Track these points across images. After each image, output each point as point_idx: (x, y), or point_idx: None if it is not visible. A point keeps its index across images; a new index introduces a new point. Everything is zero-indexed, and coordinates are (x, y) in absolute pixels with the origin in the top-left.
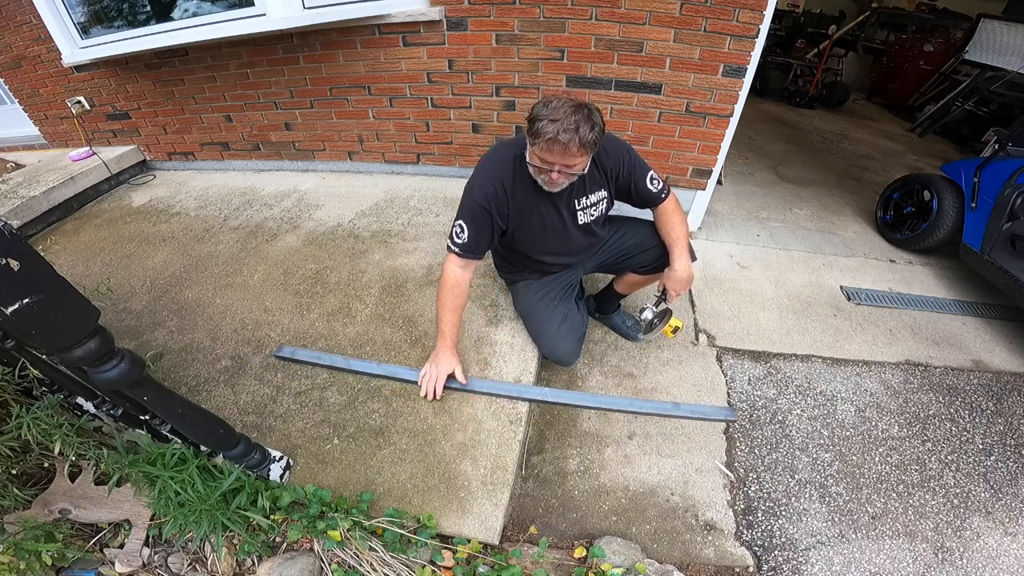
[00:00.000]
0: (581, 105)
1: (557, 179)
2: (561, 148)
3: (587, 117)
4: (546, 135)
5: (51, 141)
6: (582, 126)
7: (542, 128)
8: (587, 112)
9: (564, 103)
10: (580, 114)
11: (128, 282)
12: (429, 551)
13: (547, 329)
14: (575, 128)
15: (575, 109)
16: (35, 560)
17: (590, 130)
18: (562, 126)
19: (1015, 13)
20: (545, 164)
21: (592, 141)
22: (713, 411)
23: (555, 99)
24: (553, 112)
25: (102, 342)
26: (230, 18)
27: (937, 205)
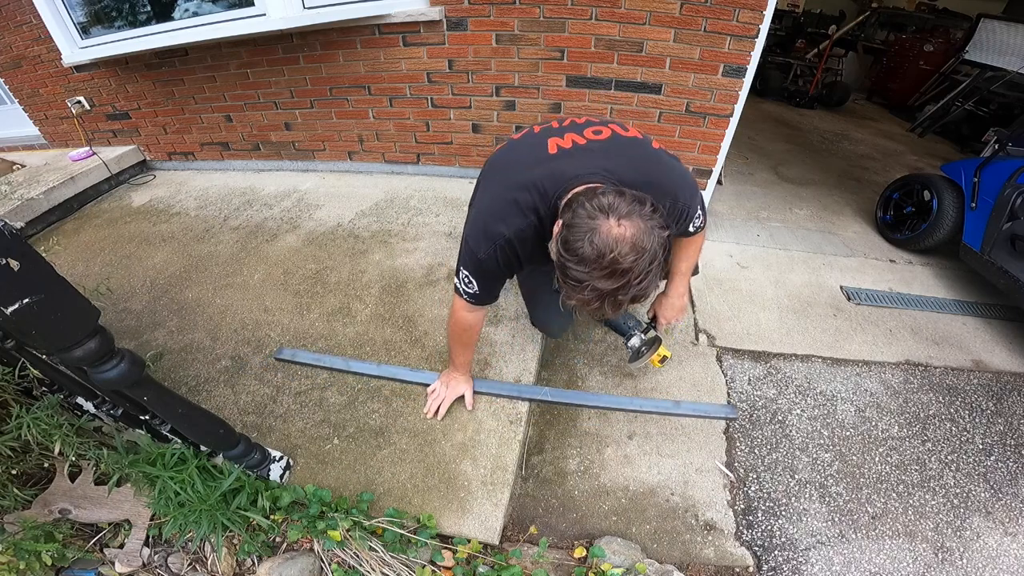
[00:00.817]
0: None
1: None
2: (597, 304)
3: (648, 261)
4: (580, 296)
5: (51, 141)
6: (642, 284)
7: (577, 285)
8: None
9: (617, 250)
10: (637, 268)
11: (128, 282)
12: (429, 551)
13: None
14: (629, 296)
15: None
16: (35, 560)
17: (652, 282)
18: (608, 297)
19: (1015, 13)
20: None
21: (648, 288)
22: (714, 409)
23: (606, 225)
24: (599, 273)
25: (102, 342)
26: (230, 18)
27: (937, 205)
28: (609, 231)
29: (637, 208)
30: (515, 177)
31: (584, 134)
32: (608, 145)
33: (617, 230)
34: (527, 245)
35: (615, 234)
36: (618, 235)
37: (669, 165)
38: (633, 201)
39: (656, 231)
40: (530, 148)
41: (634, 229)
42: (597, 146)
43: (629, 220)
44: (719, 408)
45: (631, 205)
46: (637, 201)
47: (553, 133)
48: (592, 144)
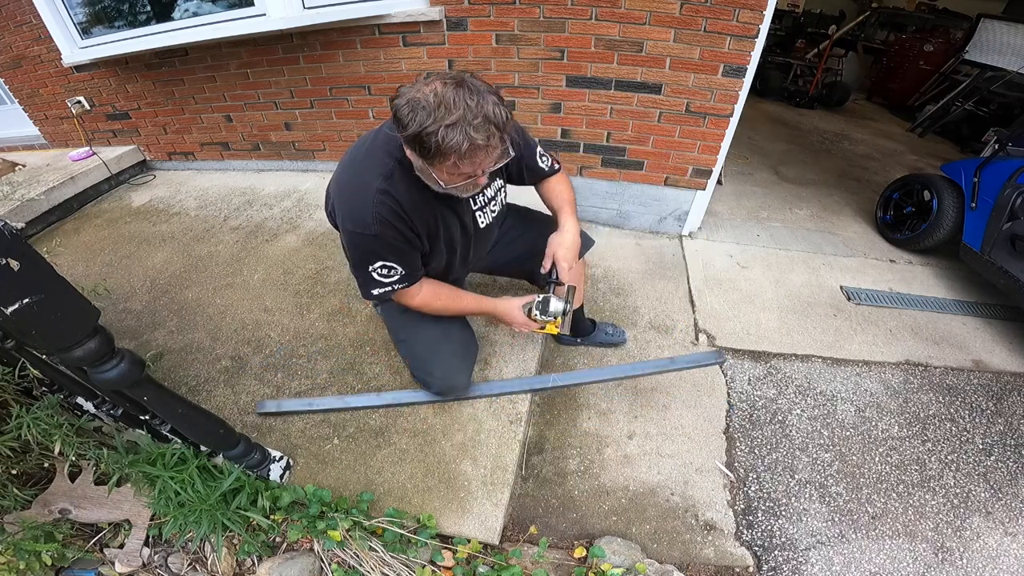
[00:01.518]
0: (459, 80)
1: (483, 181)
2: (483, 152)
3: (479, 91)
4: (458, 148)
5: (51, 141)
6: (487, 107)
7: (445, 141)
8: (473, 85)
9: (444, 92)
10: (473, 95)
11: (128, 282)
12: (429, 551)
13: (442, 351)
14: (484, 117)
15: (460, 90)
16: (35, 560)
17: (496, 105)
18: (469, 125)
19: (1015, 13)
20: (466, 177)
21: (506, 116)
22: (703, 357)
23: (425, 88)
24: (444, 113)
25: (102, 342)
26: (230, 18)
27: (937, 205)
28: (421, 90)
29: (438, 77)
30: (356, 155)
31: None
32: None
33: (425, 87)
34: (401, 188)
35: (425, 89)
36: (427, 89)
37: None
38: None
39: (464, 76)
40: (359, 142)
41: (437, 81)
42: None
43: (429, 83)
44: (708, 355)
45: (431, 77)
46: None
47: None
48: None
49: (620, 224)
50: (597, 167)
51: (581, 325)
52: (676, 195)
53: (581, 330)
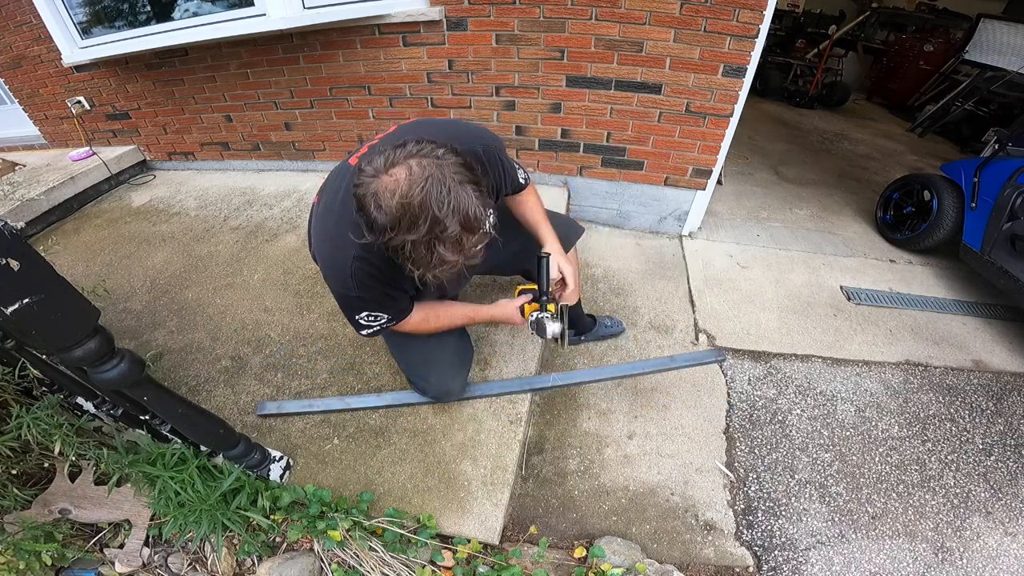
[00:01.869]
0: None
1: (479, 252)
2: (457, 257)
3: (453, 182)
4: (426, 264)
5: (51, 141)
6: (462, 205)
7: (413, 256)
8: (447, 173)
9: (410, 193)
10: (445, 189)
11: (128, 282)
12: (429, 551)
13: (436, 358)
14: (461, 224)
15: (430, 186)
16: (35, 560)
17: (472, 197)
18: (439, 241)
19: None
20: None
21: (483, 211)
22: (703, 355)
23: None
24: (409, 225)
25: (102, 342)
26: (230, 18)
27: (937, 205)
28: (384, 186)
29: (398, 151)
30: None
31: (376, 137)
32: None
33: (389, 180)
34: (378, 254)
35: (389, 184)
36: (393, 182)
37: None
38: (393, 148)
39: (427, 156)
40: (336, 176)
41: (405, 171)
42: (389, 137)
43: (396, 165)
44: (708, 354)
45: (391, 153)
46: (399, 146)
47: (353, 152)
48: (385, 138)
49: (620, 224)
50: (597, 167)
51: (582, 322)
52: (676, 195)
53: (582, 327)
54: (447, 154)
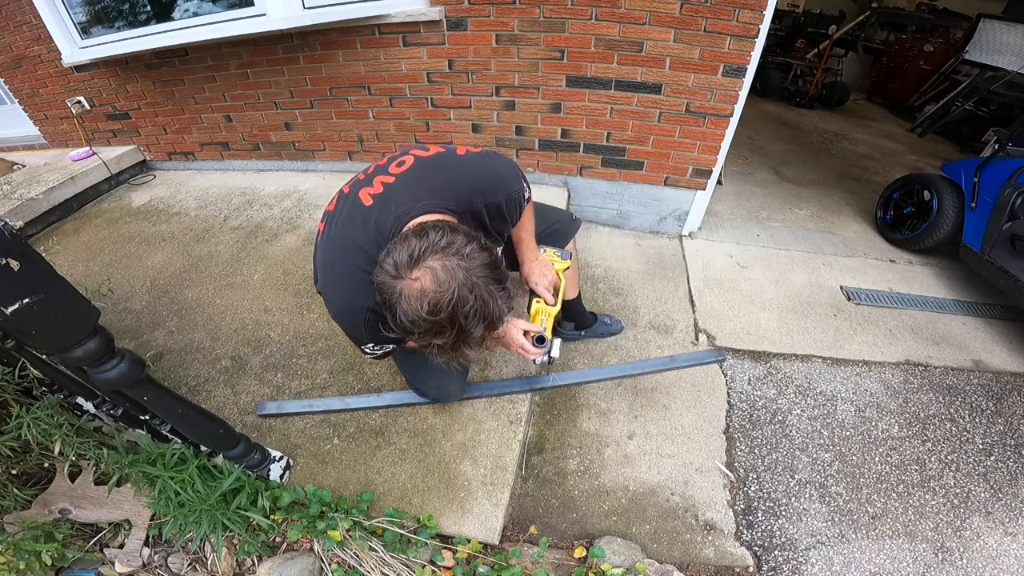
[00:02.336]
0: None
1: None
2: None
3: (479, 284)
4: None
5: (51, 141)
6: (489, 309)
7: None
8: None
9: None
10: (472, 296)
11: (128, 282)
12: (429, 551)
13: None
14: (485, 327)
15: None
16: (35, 560)
17: (499, 300)
18: (465, 345)
19: (1015, 13)
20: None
21: (506, 306)
22: (704, 355)
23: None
24: (435, 337)
25: (102, 342)
26: (230, 18)
27: (937, 205)
28: (410, 291)
29: (422, 244)
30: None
31: (390, 171)
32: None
33: (415, 285)
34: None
35: (416, 291)
36: (419, 290)
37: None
38: (417, 238)
39: (453, 256)
40: (347, 212)
41: (431, 276)
42: (404, 178)
43: (421, 267)
44: (708, 354)
45: (415, 245)
46: (421, 236)
47: (363, 185)
48: (401, 178)
49: (620, 224)
50: (597, 167)
51: (583, 318)
52: (676, 195)
53: (583, 322)
54: (474, 253)
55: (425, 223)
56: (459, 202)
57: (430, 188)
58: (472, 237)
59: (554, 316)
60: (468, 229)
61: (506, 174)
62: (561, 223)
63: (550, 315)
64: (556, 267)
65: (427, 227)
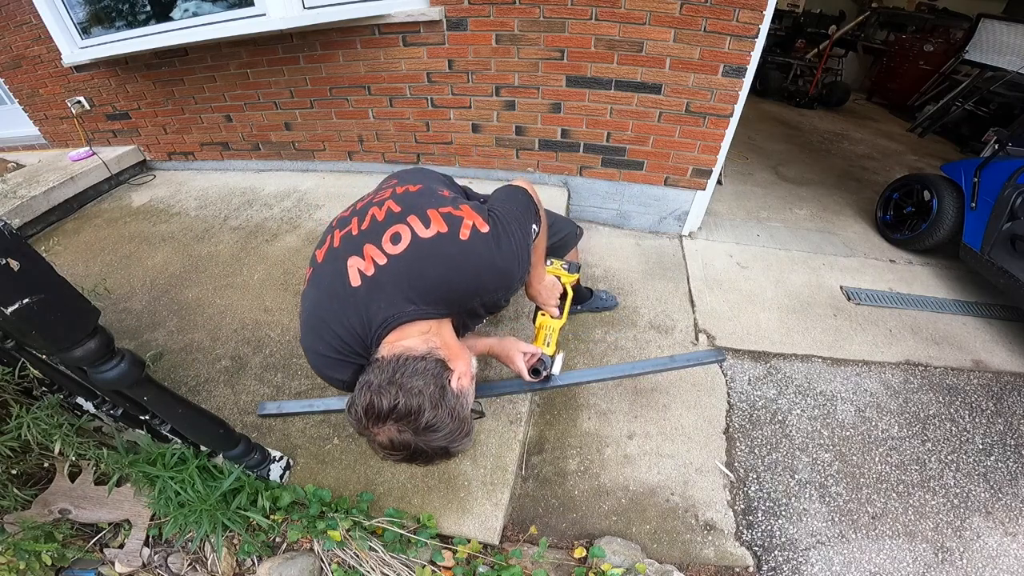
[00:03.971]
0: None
1: None
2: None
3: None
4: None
5: (51, 141)
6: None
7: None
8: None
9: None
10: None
11: (128, 282)
12: (429, 551)
13: None
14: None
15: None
16: (35, 560)
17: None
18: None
19: (1015, 13)
20: None
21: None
22: (704, 355)
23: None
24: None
25: (102, 342)
26: (230, 18)
27: (937, 205)
28: (373, 440)
29: (390, 411)
30: (325, 321)
31: (383, 246)
32: (410, 261)
33: (378, 438)
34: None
35: (377, 442)
36: (379, 443)
37: (487, 259)
38: (389, 395)
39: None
40: (331, 282)
41: (386, 433)
42: (397, 265)
43: (383, 427)
44: (708, 353)
45: (386, 407)
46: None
47: (352, 249)
48: (393, 263)
49: (620, 224)
50: (597, 167)
51: (579, 292)
52: (676, 195)
53: (580, 296)
54: (426, 428)
55: (404, 352)
56: (452, 304)
57: (423, 288)
58: (428, 411)
59: (559, 329)
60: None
61: (512, 266)
62: (565, 236)
63: (554, 329)
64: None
65: (405, 369)
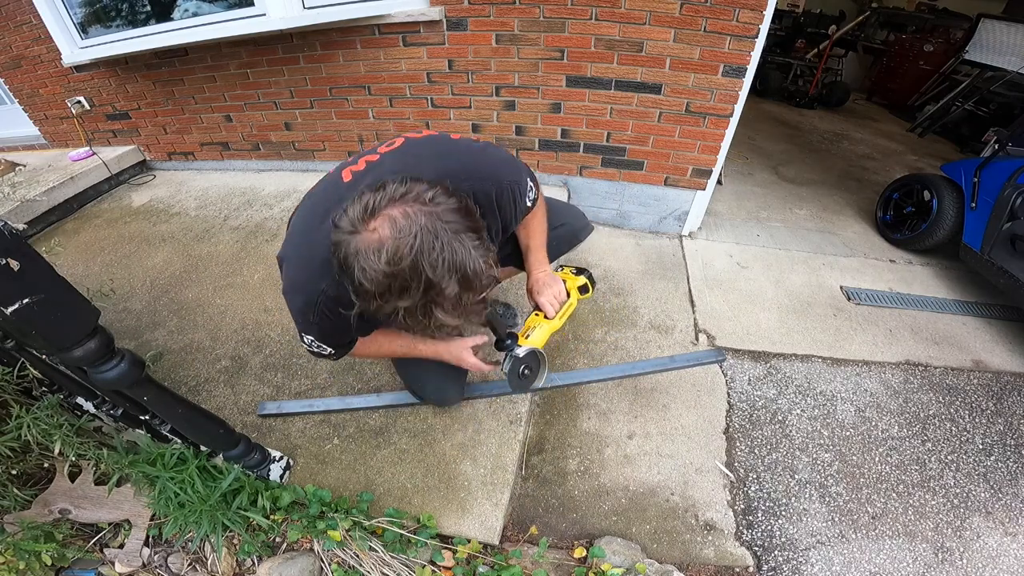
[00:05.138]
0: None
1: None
2: (472, 298)
3: (448, 232)
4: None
5: (51, 141)
6: (461, 261)
7: (406, 323)
8: (440, 223)
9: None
10: (439, 244)
11: (128, 282)
12: (429, 551)
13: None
14: (460, 283)
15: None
16: (35, 560)
17: (472, 249)
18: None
19: (1015, 13)
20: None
21: (485, 263)
22: (703, 355)
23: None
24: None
25: (102, 342)
26: (230, 18)
27: (937, 205)
28: (367, 244)
29: (378, 196)
30: (314, 222)
31: (378, 151)
32: (401, 151)
33: (373, 237)
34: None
35: (373, 243)
36: (376, 241)
37: (477, 150)
38: (372, 191)
39: (414, 202)
40: (326, 187)
41: (389, 224)
42: (390, 157)
43: (378, 217)
44: (708, 353)
45: (369, 198)
46: (378, 189)
47: (348, 164)
48: (385, 157)
49: (620, 224)
50: (597, 167)
51: None
52: (676, 195)
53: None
54: (438, 196)
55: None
56: (441, 177)
57: (412, 164)
58: (439, 187)
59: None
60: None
61: (502, 164)
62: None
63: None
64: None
65: (385, 181)
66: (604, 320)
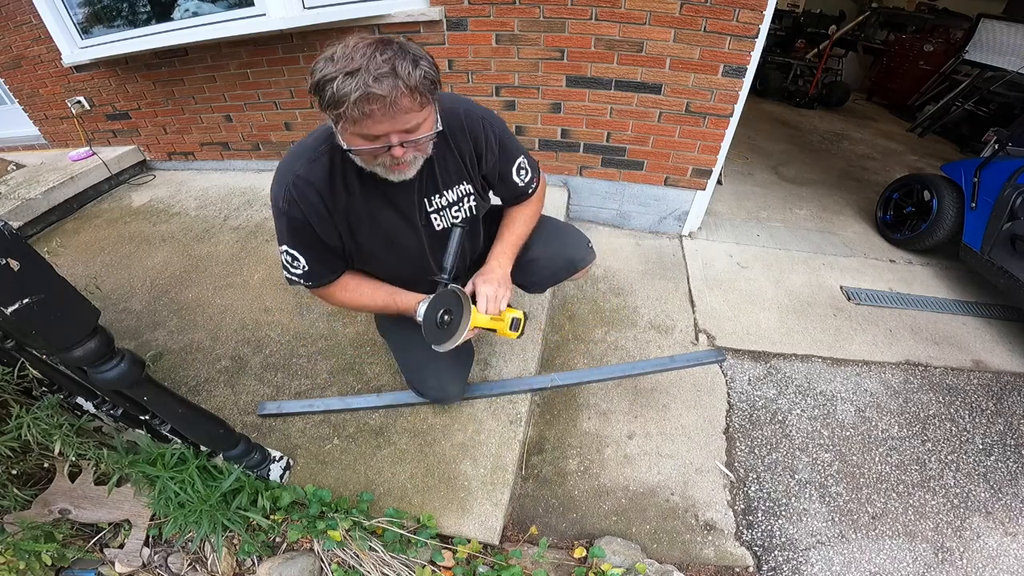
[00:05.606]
0: (385, 41)
1: (403, 154)
2: (383, 105)
3: (400, 51)
4: (351, 95)
5: (51, 141)
6: (398, 63)
7: (340, 89)
8: (397, 46)
9: (357, 45)
10: (388, 50)
11: (128, 282)
12: (429, 551)
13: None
14: (390, 69)
15: (378, 46)
16: (35, 560)
17: (413, 65)
18: (369, 73)
19: (1015, 13)
20: (374, 141)
21: (423, 79)
22: (703, 355)
23: (342, 46)
24: (347, 61)
25: (102, 342)
26: (230, 18)
27: (937, 205)
28: (352, 41)
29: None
30: (304, 142)
31: None
32: None
33: (359, 40)
34: (320, 173)
35: (357, 42)
36: (358, 41)
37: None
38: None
39: (399, 41)
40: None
41: (356, 37)
42: None
43: (369, 38)
44: (708, 353)
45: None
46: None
47: None
48: None
49: (620, 224)
50: (597, 167)
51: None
52: (676, 195)
53: None
54: (407, 42)
55: None
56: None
57: None
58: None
59: (474, 323)
60: None
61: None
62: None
63: (474, 321)
64: (504, 311)
65: None
66: (604, 320)
